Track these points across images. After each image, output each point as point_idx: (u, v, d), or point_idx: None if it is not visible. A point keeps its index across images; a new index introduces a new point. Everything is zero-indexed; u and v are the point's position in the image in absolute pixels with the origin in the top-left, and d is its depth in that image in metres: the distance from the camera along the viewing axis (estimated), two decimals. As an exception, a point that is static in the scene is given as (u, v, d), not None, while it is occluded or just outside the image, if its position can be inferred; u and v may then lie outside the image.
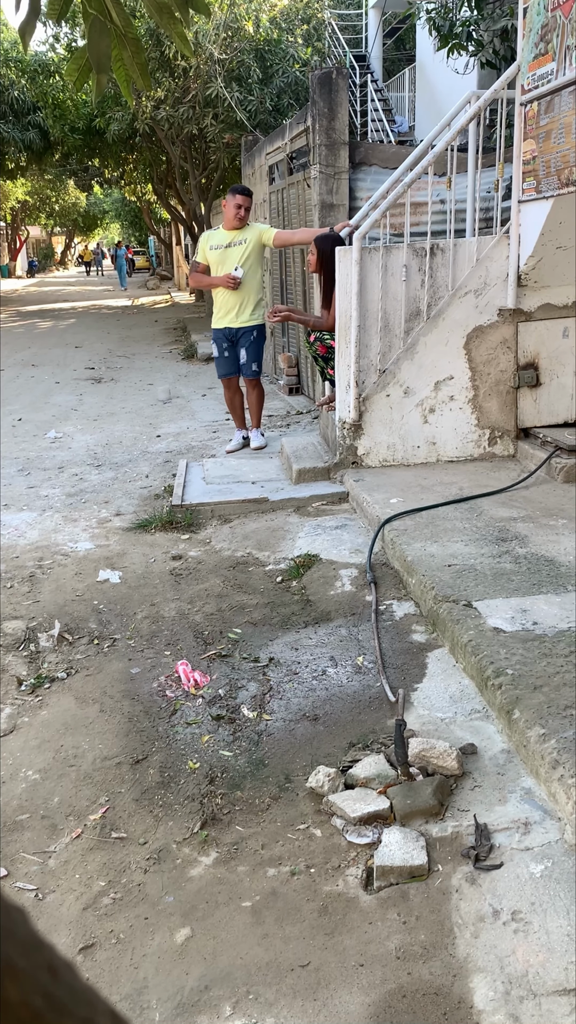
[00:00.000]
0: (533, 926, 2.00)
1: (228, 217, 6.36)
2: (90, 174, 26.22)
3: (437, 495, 4.90)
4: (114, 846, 2.42)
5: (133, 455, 7.08)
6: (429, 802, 2.39)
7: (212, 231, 6.55)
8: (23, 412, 9.19)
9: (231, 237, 6.37)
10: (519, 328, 5.53)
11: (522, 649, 3.02)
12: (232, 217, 6.31)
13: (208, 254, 6.44)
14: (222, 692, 3.18)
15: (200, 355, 12.92)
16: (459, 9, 9.20)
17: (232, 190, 6.45)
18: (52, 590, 4.24)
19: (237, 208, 6.30)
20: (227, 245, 6.36)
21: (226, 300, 6.47)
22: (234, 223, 6.33)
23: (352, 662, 3.34)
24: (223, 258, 6.38)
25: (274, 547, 4.68)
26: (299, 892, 2.20)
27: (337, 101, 7.60)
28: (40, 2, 1.61)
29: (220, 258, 6.39)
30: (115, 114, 16.94)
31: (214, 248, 6.41)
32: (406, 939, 2.02)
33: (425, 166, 5.34)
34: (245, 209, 6.34)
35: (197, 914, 2.16)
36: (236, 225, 6.35)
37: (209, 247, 6.43)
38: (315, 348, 6.11)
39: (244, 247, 6.36)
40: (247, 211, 6.37)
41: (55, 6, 1.77)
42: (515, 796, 2.44)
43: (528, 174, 5.08)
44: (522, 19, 5.00)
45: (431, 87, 15.18)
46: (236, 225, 6.35)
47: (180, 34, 1.74)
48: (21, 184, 37.06)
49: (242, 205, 6.32)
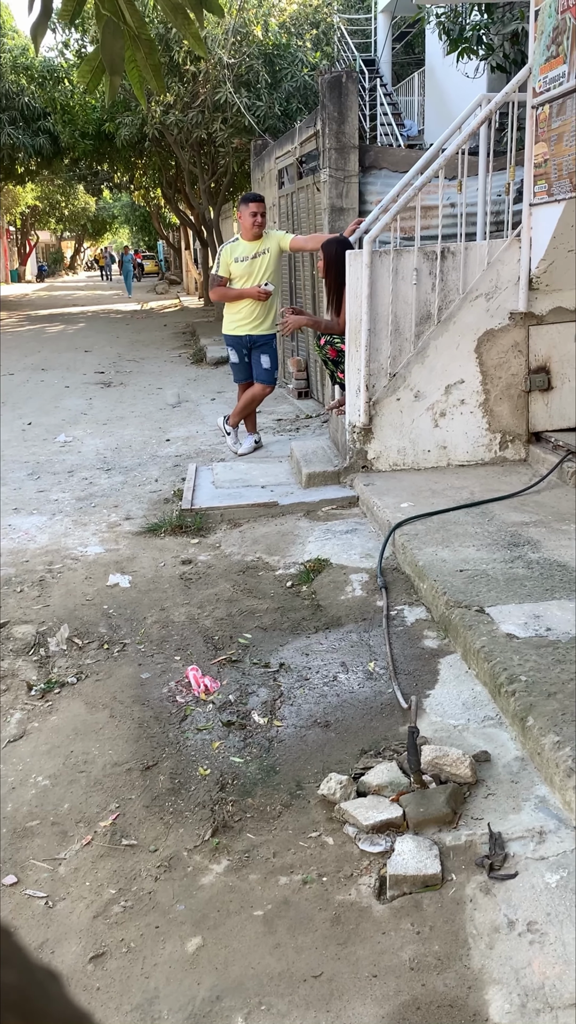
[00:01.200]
0: (549, 937, 1.97)
1: (246, 227, 6.35)
2: (99, 179, 26.31)
3: (448, 499, 4.88)
4: (124, 853, 2.40)
5: (143, 459, 7.08)
6: (442, 810, 2.36)
7: (233, 243, 6.52)
8: (33, 416, 9.21)
9: (255, 248, 6.37)
10: (530, 331, 5.51)
11: (535, 655, 2.99)
12: (250, 226, 6.31)
13: (233, 267, 6.42)
14: (232, 698, 3.16)
15: (209, 359, 12.92)
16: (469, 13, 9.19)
17: (244, 199, 6.45)
18: (62, 594, 4.23)
19: (253, 216, 6.29)
20: (253, 256, 6.36)
21: (251, 309, 6.48)
22: (253, 231, 6.33)
23: (363, 668, 3.31)
24: (250, 270, 6.39)
25: (284, 551, 4.66)
26: (311, 901, 2.17)
27: (347, 105, 7.59)
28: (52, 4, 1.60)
29: (247, 270, 6.39)
30: (125, 119, 16.99)
31: (240, 260, 6.39)
32: (420, 950, 1.99)
33: (436, 169, 5.32)
34: (261, 215, 6.34)
35: (208, 923, 2.14)
36: (256, 233, 6.35)
37: (234, 259, 6.41)
38: (325, 351, 6.09)
39: (268, 257, 6.37)
40: (263, 216, 6.38)
41: (68, 8, 1.76)
42: (529, 804, 2.41)
43: (540, 177, 5.06)
44: (533, 22, 4.98)
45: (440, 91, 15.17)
46: (256, 233, 6.35)
47: (194, 34, 1.73)
48: (31, 189, 37.23)
49: (257, 212, 6.31)
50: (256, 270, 6.40)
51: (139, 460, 7.04)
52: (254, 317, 6.51)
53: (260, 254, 6.37)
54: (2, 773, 2.80)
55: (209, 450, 7.21)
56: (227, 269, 6.46)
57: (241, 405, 6.80)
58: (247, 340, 6.59)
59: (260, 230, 6.36)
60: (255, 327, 6.53)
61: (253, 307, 6.48)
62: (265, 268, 6.39)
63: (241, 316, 6.55)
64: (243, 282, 6.44)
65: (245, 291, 6.42)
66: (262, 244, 6.38)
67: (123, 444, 7.70)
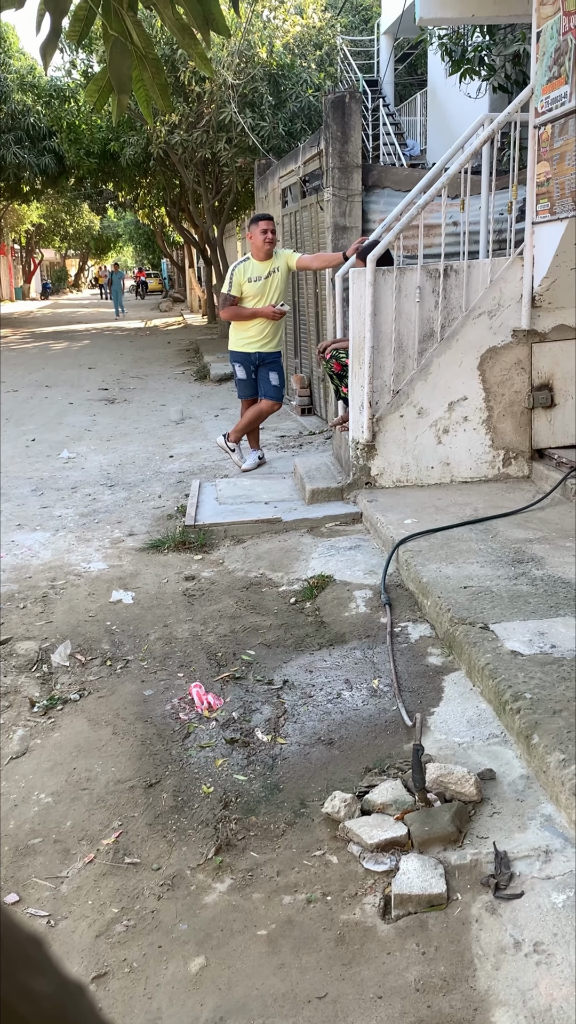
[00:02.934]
0: (556, 958, 1.95)
1: (257, 245, 6.41)
2: (104, 197, 26.50)
3: (452, 516, 4.87)
4: (127, 872, 2.38)
5: (146, 475, 7.08)
6: (447, 829, 2.34)
7: (244, 262, 6.57)
8: (37, 432, 9.23)
9: (267, 267, 6.43)
10: (533, 349, 5.52)
11: (540, 673, 2.98)
12: (262, 244, 6.37)
13: (246, 287, 6.48)
14: (236, 715, 3.15)
15: (213, 376, 12.96)
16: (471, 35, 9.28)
17: (254, 219, 6.55)
18: (65, 611, 4.22)
19: (264, 233, 6.36)
20: (266, 276, 6.43)
21: (261, 328, 6.54)
22: (265, 249, 6.39)
23: (367, 685, 3.30)
24: (263, 289, 6.45)
25: (287, 568, 4.65)
26: (315, 920, 2.15)
27: (350, 125, 7.65)
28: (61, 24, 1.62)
29: (260, 289, 6.45)
30: (130, 138, 17.13)
31: (253, 280, 6.45)
32: (425, 970, 1.97)
33: (439, 188, 5.36)
34: (272, 232, 6.41)
35: (212, 942, 2.12)
36: (268, 252, 6.41)
37: (247, 279, 6.46)
38: (330, 365, 6.13)
39: (279, 275, 6.43)
40: (273, 233, 6.44)
41: (76, 28, 1.78)
42: (535, 823, 2.39)
43: (542, 196, 5.09)
44: (535, 43, 5.03)
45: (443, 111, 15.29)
46: (268, 252, 6.41)
47: (200, 54, 1.75)
48: (36, 207, 37.50)
49: (267, 229, 6.38)
50: (269, 289, 6.45)
51: (143, 476, 7.05)
52: (264, 335, 6.57)
53: (272, 273, 6.43)
54: (4, 790, 2.78)
55: (212, 466, 7.22)
56: (239, 289, 6.51)
57: (245, 420, 6.82)
58: (256, 358, 6.64)
59: (271, 247, 6.42)
60: (264, 345, 6.59)
61: (263, 326, 6.53)
62: (277, 287, 6.44)
63: (251, 334, 6.59)
64: (256, 301, 6.49)
65: (259, 311, 6.47)
66: (273, 263, 6.44)
67: (127, 460, 7.71)
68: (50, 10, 1.51)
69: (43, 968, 0.32)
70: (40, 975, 0.32)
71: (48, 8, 1.52)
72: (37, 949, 0.33)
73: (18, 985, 0.30)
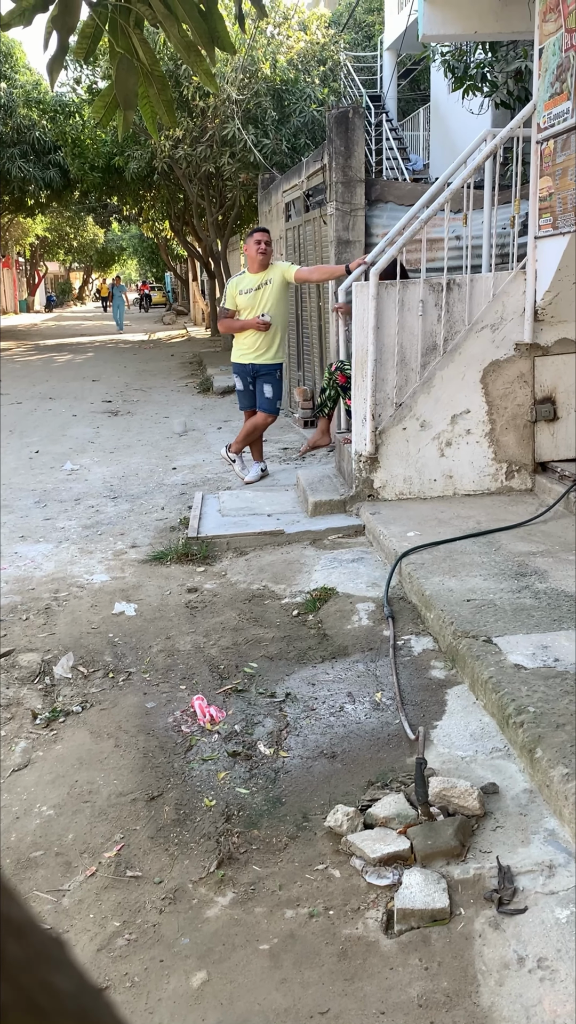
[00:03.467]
0: (560, 974, 1.94)
1: (252, 258, 6.48)
2: (108, 211, 26.66)
3: (455, 529, 4.87)
4: (129, 885, 2.37)
5: (149, 487, 7.09)
6: (450, 843, 2.33)
7: (239, 276, 6.65)
8: (40, 444, 9.25)
9: (259, 279, 6.48)
10: (536, 362, 5.53)
11: (544, 686, 2.97)
12: (255, 255, 6.42)
13: (239, 299, 6.54)
14: (238, 728, 3.14)
15: (216, 388, 12.99)
16: (473, 51, 9.35)
17: (250, 232, 6.62)
18: (68, 622, 4.22)
19: (258, 244, 6.41)
20: (256, 288, 6.48)
21: (255, 339, 6.59)
22: (260, 261, 6.44)
23: (370, 698, 3.29)
24: (253, 301, 6.50)
25: (290, 580, 4.65)
26: (318, 935, 2.14)
27: (353, 140, 7.70)
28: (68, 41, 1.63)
29: (251, 301, 6.51)
30: (134, 153, 17.25)
31: (244, 292, 6.51)
32: (428, 986, 1.96)
33: (442, 203, 5.39)
34: (266, 244, 6.44)
35: (213, 957, 2.11)
36: (263, 263, 6.46)
37: (239, 292, 6.53)
38: (335, 377, 6.16)
39: (271, 287, 6.46)
40: (268, 245, 6.47)
41: (83, 45, 1.80)
42: (538, 837, 2.38)
43: (545, 210, 5.11)
44: (538, 59, 5.06)
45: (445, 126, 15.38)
46: (263, 263, 6.46)
47: (206, 70, 1.77)
48: (40, 221, 37.70)
49: (261, 240, 6.43)
50: (259, 301, 6.49)
51: (145, 488, 7.06)
52: (258, 347, 6.61)
53: (264, 285, 6.48)
54: (6, 802, 2.78)
55: (215, 478, 7.23)
56: (233, 302, 6.58)
57: (244, 433, 6.85)
58: (251, 369, 6.68)
59: (266, 259, 6.47)
60: (258, 356, 6.63)
61: (256, 337, 6.58)
62: (267, 299, 6.48)
63: (246, 346, 6.65)
64: (247, 313, 6.55)
65: (247, 322, 6.54)
66: (266, 275, 6.49)
67: (130, 472, 7.72)
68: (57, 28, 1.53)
69: (64, 967, 0.33)
70: (62, 973, 0.33)
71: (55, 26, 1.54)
72: (59, 949, 0.34)
73: (41, 981, 0.31)
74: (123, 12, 1.66)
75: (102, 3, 1.67)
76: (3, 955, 0.30)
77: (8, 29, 1.62)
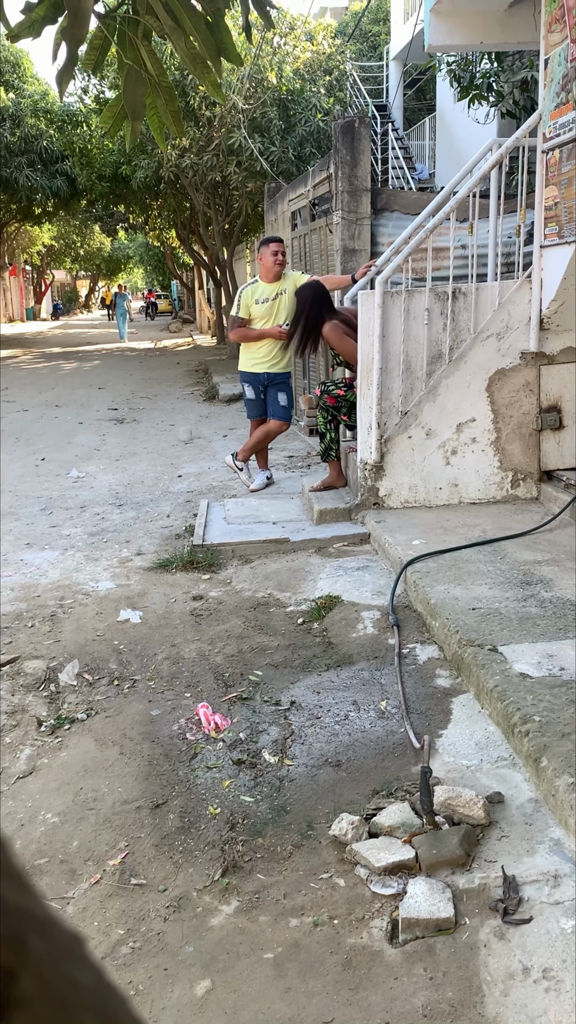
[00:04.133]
0: (565, 985, 1.93)
1: (267, 267, 6.48)
2: (115, 219, 26.80)
3: (460, 537, 4.87)
4: (133, 893, 2.37)
5: (155, 495, 7.11)
6: (455, 852, 2.33)
7: (252, 285, 6.65)
8: (47, 452, 9.28)
9: (275, 289, 6.50)
10: (541, 371, 5.54)
11: (549, 695, 2.96)
12: (272, 265, 6.44)
13: (253, 308, 6.55)
14: (243, 736, 3.14)
15: (222, 396, 13.02)
16: (479, 61, 9.39)
17: (264, 241, 6.63)
18: (73, 630, 4.23)
19: (275, 255, 6.43)
20: (273, 297, 6.50)
21: (270, 348, 6.61)
22: (275, 270, 6.46)
23: (375, 707, 3.29)
24: (271, 311, 6.52)
25: (295, 588, 4.65)
26: (322, 944, 2.14)
27: (359, 149, 7.73)
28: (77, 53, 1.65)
29: (268, 311, 6.53)
30: (141, 162, 17.33)
31: (261, 302, 6.52)
32: (433, 996, 1.96)
33: (447, 212, 5.40)
34: (282, 254, 6.47)
35: (218, 965, 2.10)
36: (277, 273, 6.48)
37: (255, 301, 6.54)
38: (324, 400, 6.17)
39: (286, 297, 6.49)
40: (283, 255, 6.49)
41: (91, 56, 1.82)
42: (544, 847, 2.37)
43: (550, 219, 5.12)
44: (543, 70, 5.08)
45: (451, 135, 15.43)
46: (277, 273, 6.48)
47: (213, 82, 1.78)
48: (47, 229, 37.89)
49: (278, 251, 6.46)
50: (276, 311, 6.52)
51: (151, 496, 7.07)
52: (272, 356, 6.63)
53: (280, 294, 6.50)
54: (11, 810, 2.78)
55: (221, 486, 7.24)
56: (247, 311, 6.58)
57: (254, 440, 6.86)
58: (264, 378, 6.70)
59: (281, 269, 6.49)
60: (272, 365, 6.65)
61: (272, 346, 6.60)
62: (284, 308, 6.50)
63: (260, 355, 6.66)
64: (263, 323, 6.56)
65: (266, 331, 6.54)
66: (281, 285, 6.50)
67: (135, 480, 7.74)
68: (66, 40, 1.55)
69: (83, 963, 0.34)
70: (81, 969, 0.34)
71: (65, 38, 1.55)
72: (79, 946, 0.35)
73: (63, 975, 0.32)
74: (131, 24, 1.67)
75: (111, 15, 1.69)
76: (28, 949, 0.31)
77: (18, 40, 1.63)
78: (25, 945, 0.31)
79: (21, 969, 0.30)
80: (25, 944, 0.31)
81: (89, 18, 1.54)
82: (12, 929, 0.31)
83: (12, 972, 0.30)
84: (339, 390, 6.10)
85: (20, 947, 0.30)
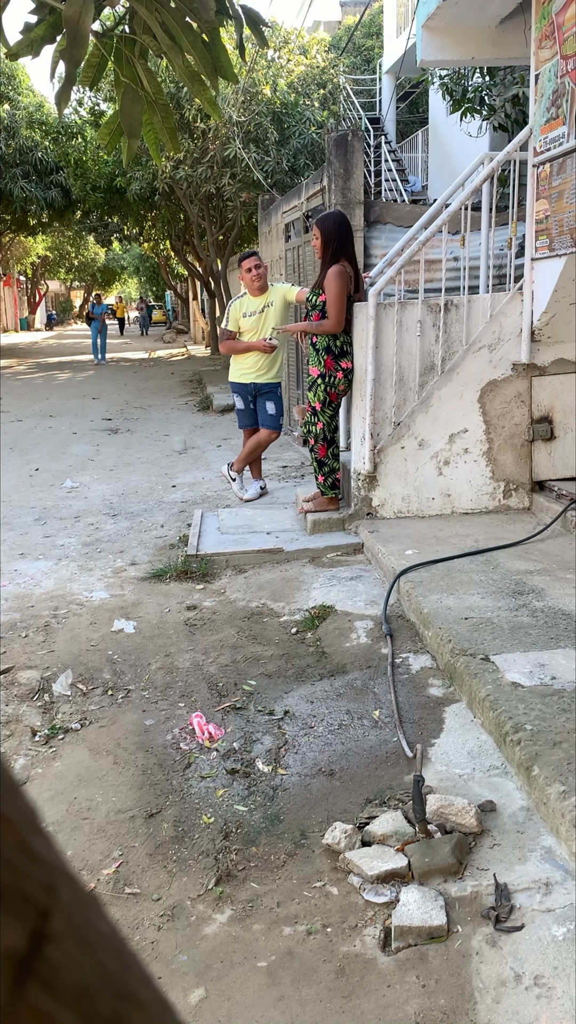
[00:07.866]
0: (556, 992, 1.94)
1: (247, 283, 6.54)
2: (110, 230, 26.87)
3: (453, 547, 4.90)
4: (127, 902, 2.38)
5: (148, 505, 7.12)
6: (448, 860, 2.34)
7: (241, 298, 6.70)
8: (41, 462, 9.29)
9: (262, 302, 6.55)
10: (533, 382, 5.58)
11: (541, 704, 2.99)
12: (251, 281, 6.48)
13: (242, 321, 6.61)
14: (237, 745, 3.15)
15: (216, 406, 13.05)
16: (471, 76, 9.48)
17: (240, 258, 6.66)
18: (67, 639, 4.23)
19: (249, 271, 6.47)
20: (260, 310, 6.55)
21: (256, 360, 6.66)
22: (258, 284, 6.50)
23: (368, 716, 3.31)
24: (257, 324, 6.58)
25: (289, 598, 4.67)
26: (315, 952, 2.15)
27: (352, 162, 7.80)
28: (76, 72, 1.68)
29: (255, 324, 6.58)
30: (136, 174, 17.42)
31: (248, 315, 6.58)
32: (425, 1003, 1.97)
33: (440, 224, 5.45)
34: (256, 267, 6.49)
35: (212, 974, 2.11)
36: (261, 286, 6.52)
37: (243, 315, 6.60)
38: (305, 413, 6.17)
39: (273, 309, 6.54)
40: (257, 268, 6.50)
41: (88, 73, 1.85)
42: (535, 855, 2.39)
43: (541, 232, 5.18)
44: (534, 85, 5.14)
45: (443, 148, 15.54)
46: (261, 286, 6.52)
47: (209, 99, 1.81)
48: (42, 240, 37.98)
49: (251, 267, 6.47)
50: (263, 323, 6.57)
51: (145, 506, 7.09)
52: (259, 367, 6.69)
53: (267, 307, 6.55)
54: (5, 819, 2.78)
55: (215, 496, 7.26)
56: (236, 323, 6.65)
57: (246, 450, 6.90)
58: (252, 388, 6.75)
59: (262, 281, 6.53)
60: (260, 376, 6.70)
61: (259, 358, 6.66)
62: (272, 321, 6.55)
63: (247, 366, 6.72)
64: (251, 335, 6.63)
65: (252, 344, 6.61)
66: (268, 298, 6.56)
67: (129, 490, 7.75)
68: (65, 59, 1.58)
69: (102, 915, 0.40)
70: (100, 919, 0.40)
71: (63, 57, 1.58)
72: (96, 902, 0.41)
73: (85, 920, 0.38)
74: (128, 43, 1.71)
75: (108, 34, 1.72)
76: (58, 895, 0.36)
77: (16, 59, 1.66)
78: (56, 891, 0.36)
79: (54, 909, 0.35)
80: (56, 890, 0.36)
81: (88, 38, 1.57)
82: (46, 876, 0.36)
83: (46, 911, 0.35)
84: (317, 403, 5.72)
85: (52, 892, 0.36)
